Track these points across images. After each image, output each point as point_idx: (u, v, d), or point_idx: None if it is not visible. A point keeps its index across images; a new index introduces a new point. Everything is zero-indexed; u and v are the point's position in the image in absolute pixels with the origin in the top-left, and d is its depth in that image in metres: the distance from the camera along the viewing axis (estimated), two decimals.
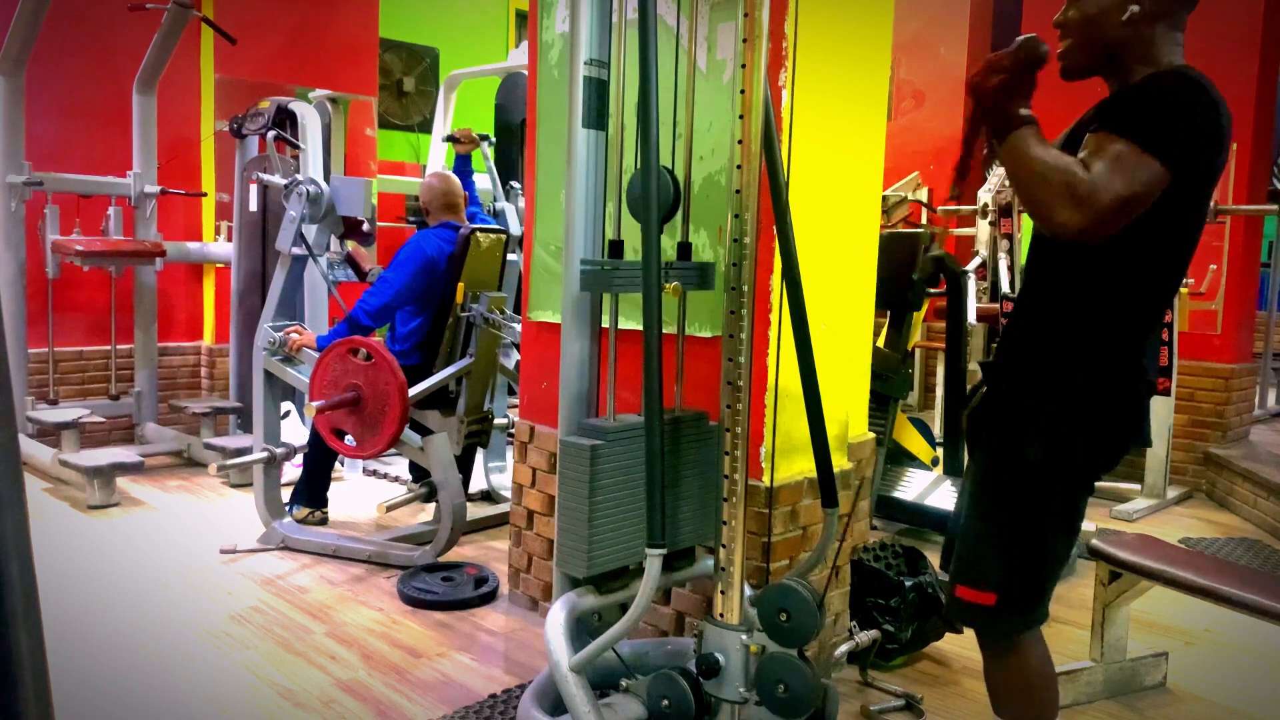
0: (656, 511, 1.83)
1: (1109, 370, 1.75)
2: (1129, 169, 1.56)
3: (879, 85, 2.85)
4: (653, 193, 1.89)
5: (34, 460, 4.59)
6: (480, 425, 3.92)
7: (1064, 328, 1.76)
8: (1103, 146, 1.59)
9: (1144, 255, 1.69)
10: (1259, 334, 6.26)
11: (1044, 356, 1.79)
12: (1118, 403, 1.76)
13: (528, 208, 3.17)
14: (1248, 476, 4.68)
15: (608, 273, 2.09)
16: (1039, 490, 1.78)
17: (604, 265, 2.11)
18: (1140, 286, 1.73)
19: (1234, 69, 4.99)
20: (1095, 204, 1.54)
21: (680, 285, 2.11)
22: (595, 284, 2.12)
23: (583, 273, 2.12)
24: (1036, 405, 1.78)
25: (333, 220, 3.77)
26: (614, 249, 2.17)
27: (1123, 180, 1.55)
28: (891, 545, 2.89)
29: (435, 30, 7.38)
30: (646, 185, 1.89)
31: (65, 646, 2.76)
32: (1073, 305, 1.75)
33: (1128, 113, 1.63)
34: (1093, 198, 1.54)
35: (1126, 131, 1.59)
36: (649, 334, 1.87)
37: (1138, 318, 1.75)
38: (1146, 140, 1.58)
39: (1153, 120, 1.61)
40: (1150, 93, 1.66)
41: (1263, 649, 3.06)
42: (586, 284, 2.12)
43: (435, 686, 2.63)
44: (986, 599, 1.81)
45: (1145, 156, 1.57)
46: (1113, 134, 1.60)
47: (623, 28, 2.24)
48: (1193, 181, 1.63)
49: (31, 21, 4.52)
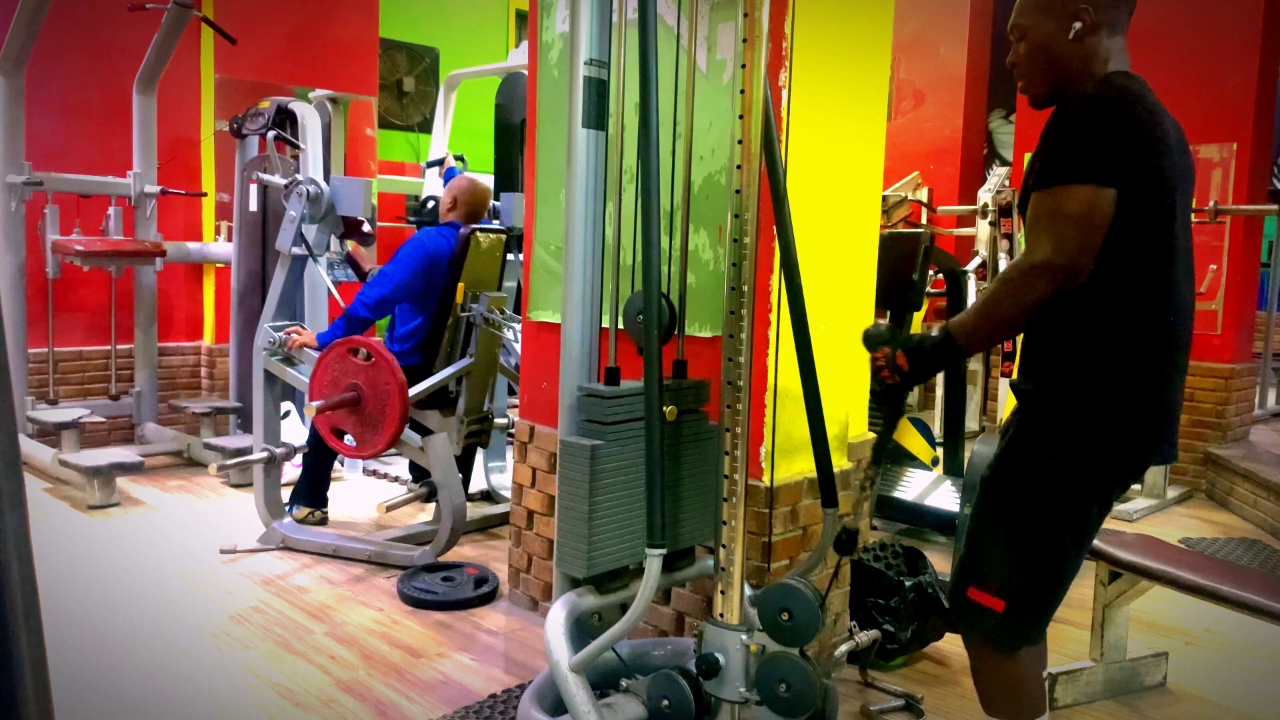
0: (656, 511, 1.83)
1: (1119, 386, 1.74)
2: (1069, 210, 1.64)
3: (879, 85, 2.85)
4: (653, 320, 1.91)
5: (34, 460, 4.59)
6: (480, 425, 3.92)
7: (1072, 345, 1.77)
8: (1039, 208, 1.69)
9: (1126, 272, 1.70)
10: (1259, 334, 6.26)
11: (1057, 370, 1.79)
12: (1131, 419, 1.75)
13: (528, 208, 3.17)
14: (1248, 476, 4.68)
15: (607, 400, 2.08)
16: (1054, 502, 1.78)
17: (603, 394, 2.11)
18: (1132, 301, 1.73)
19: (1234, 69, 5.00)
20: (1057, 261, 1.64)
21: (675, 409, 2.12)
22: (593, 411, 2.11)
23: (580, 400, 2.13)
24: (1052, 417, 1.78)
25: (333, 220, 3.77)
26: (610, 377, 2.16)
27: (1069, 224, 1.64)
28: (891, 545, 2.89)
29: (435, 30, 7.39)
30: (648, 310, 1.91)
31: (65, 646, 2.76)
32: (1075, 328, 1.76)
33: (1050, 159, 1.70)
34: (1052, 259, 1.64)
35: (1053, 179, 1.67)
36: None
37: (1140, 333, 1.74)
38: (1075, 174, 1.64)
39: (1076, 153, 1.66)
40: (1066, 126, 1.70)
41: (1263, 649, 3.06)
42: (584, 410, 2.12)
43: (435, 686, 2.63)
44: (996, 604, 1.81)
45: (1079, 189, 1.63)
46: (1041, 189, 1.69)
47: (623, 28, 2.24)
48: (1143, 187, 1.66)
49: (31, 21, 4.52)
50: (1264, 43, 4.98)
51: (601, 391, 2.09)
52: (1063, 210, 1.64)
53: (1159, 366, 1.76)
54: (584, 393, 2.12)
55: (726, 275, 2.00)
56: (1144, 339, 1.75)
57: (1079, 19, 1.74)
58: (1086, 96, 1.71)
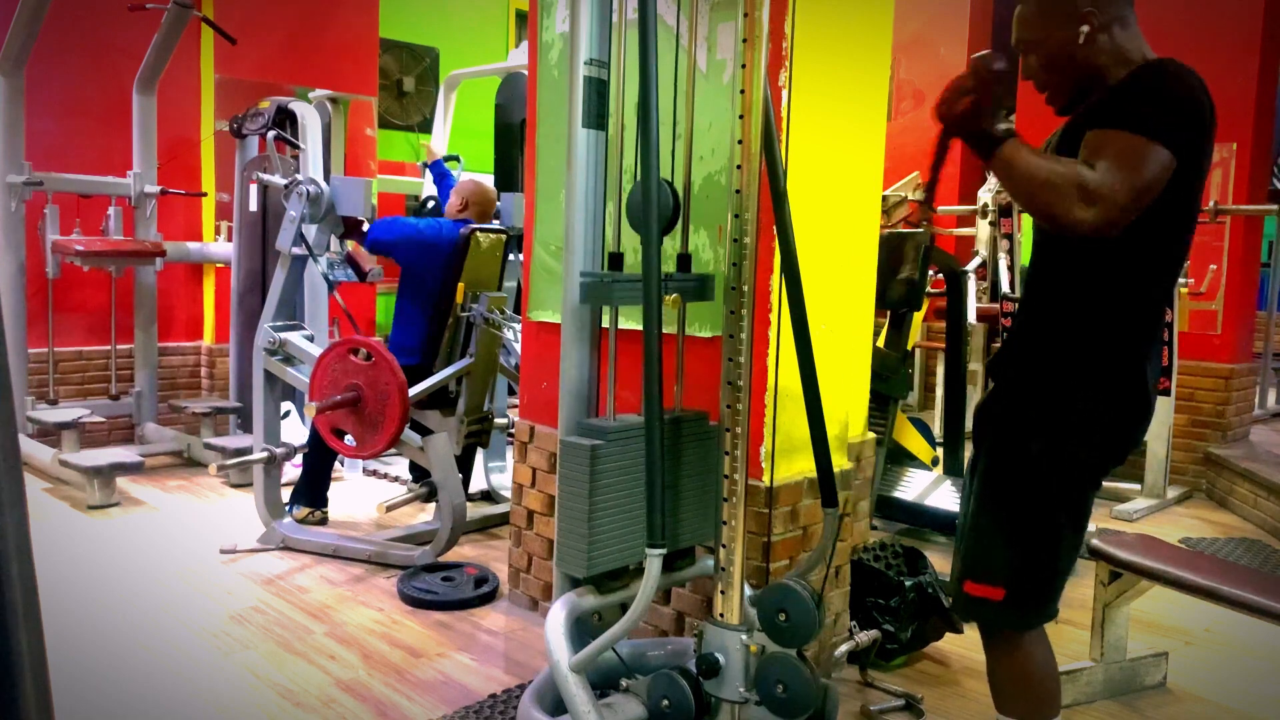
0: (656, 511, 1.83)
1: (1112, 366, 1.75)
2: (1137, 159, 1.58)
3: (879, 85, 2.85)
4: (653, 202, 1.89)
5: (34, 460, 4.59)
6: (480, 425, 3.92)
7: (1067, 324, 1.77)
8: (1105, 143, 1.61)
9: (1149, 246, 1.70)
10: (1259, 334, 6.26)
11: (1047, 352, 1.80)
12: (1121, 398, 1.76)
13: (528, 208, 3.17)
14: (1248, 476, 4.68)
15: (608, 284, 2.09)
16: (1043, 484, 1.79)
17: (604, 277, 2.11)
18: (1144, 279, 1.74)
19: (1234, 69, 4.99)
20: (1109, 199, 1.55)
21: (680, 296, 2.11)
22: (595, 296, 2.12)
23: (582, 284, 2.12)
24: (1039, 400, 1.79)
25: (333, 220, 3.77)
26: (614, 261, 2.16)
27: (1132, 171, 1.57)
28: (891, 545, 2.89)
29: (435, 30, 7.38)
30: (647, 195, 1.89)
31: (65, 646, 2.76)
32: (1076, 302, 1.76)
33: (1122, 106, 1.65)
34: (1105, 193, 1.55)
35: (1126, 124, 1.61)
36: (649, 336, 1.87)
37: (1140, 312, 1.76)
38: (1148, 128, 1.59)
39: (1150, 108, 1.62)
40: (1141, 84, 1.67)
41: (1263, 649, 3.06)
42: (586, 295, 2.12)
43: (435, 686, 2.63)
44: (995, 593, 1.81)
45: (1149, 144, 1.59)
46: (1112, 129, 1.61)
47: (623, 28, 2.24)
48: (1190, 166, 1.65)
49: (31, 21, 4.52)
50: (1264, 43, 4.98)
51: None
52: (1128, 157, 1.57)
53: (1150, 344, 1.77)
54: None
55: (726, 275, 2.00)
56: (1149, 318, 1.76)
57: (1085, 23, 1.73)
58: (1158, 62, 1.70)
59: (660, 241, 1.95)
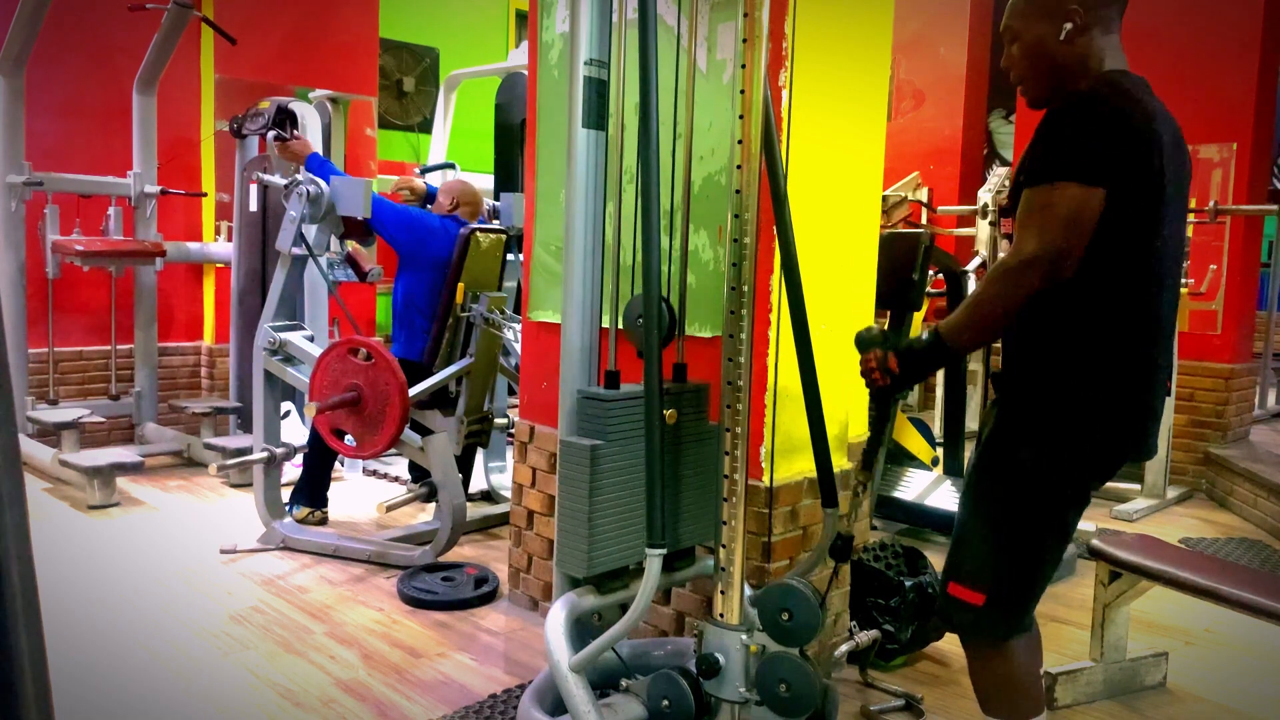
0: (656, 511, 1.83)
1: (1100, 381, 1.75)
2: (1058, 206, 1.65)
3: (879, 85, 2.85)
4: (653, 320, 1.91)
5: (34, 460, 4.59)
6: (480, 425, 3.92)
7: (1054, 340, 1.78)
8: (1026, 204, 1.70)
9: (1112, 269, 1.71)
10: (1259, 334, 6.26)
11: (1038, 364, 1.80)
12: (1110, 414, 1.76)
13: (528, 208, 3.17)
14: (1248, 476, 4.68)
15: (606, 403, 2.08)
16: (1030, 494, 1.80)
17: (603, 397, 2.10)
18: (1117, 298, 1.74)
19: (1234, 69, 5.00)
20: (1041, 253, 1.64)
21: (676, 412, 2.11)
22: (591, 414, 2.10)
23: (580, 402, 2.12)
24: (1032, 410, 1.79)
25: (333, 220, 3.77)
26: (610, 380, 2.15)
27: (1055, 219, 1.64)
28: (891, 545, 2.89)
29: (435, 30, 7.38)
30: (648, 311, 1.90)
31: (65, 646, 2.76)
32: (1059, 322, 1.77)
33: (1035, 160, 1.72)
34: (1031, 253, 1.65)
35: (1039, 178, 1.68)
36: (649, 337, 1.87)
37: (1124, 330, 1.75)
38: (1058, 173, 1.65)
39: (1058, 152, 1.67)
40: (1051, 127, 1.72)
41: (1263, 649, 3.06)
42: (582, 412, 2.11)
43: (435, 686, 2.63)
44: (976, 599, 1.83)
45: (1064, 187, 1.64)
46: (1030, 187, 1.70)
47: (623, 28, 2.24)
48: (1133, 186, 1.66)
49: (31, 21, 4.52)
50: (1264, 43, 4.98)
51: (601, 395, 2.09)
52: (1050, 208, 1.65)
53: (1139, 364, 1.77)
54: (583, 395, 2.12)
55: (726, 275, 2.00)
56: (1126, 337, 1.76)
57: (1069, 20, 1.75)
58: (1080, 94, 1.72)
59: (660, 353, 1.95)
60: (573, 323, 2.19)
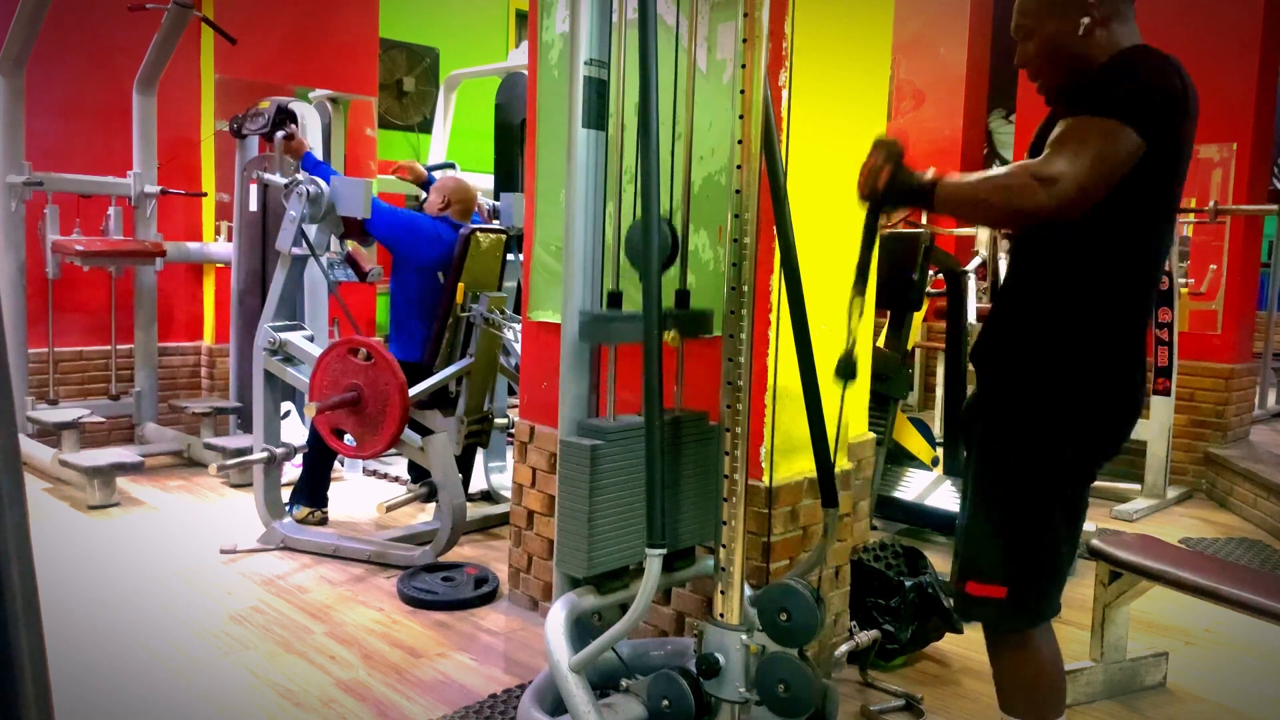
0: (656, 511, 1.83)
1: (1095, 356, 1.75)
2: (1096, 140, 1.60)
3: (879, 85, 2.85)
4: (654, 243, 1.90)
5: (34, 460, 4.59)
6: (480, 425, 3.92)
7: (1047, 314, 1.77)
8: (1069, 128, 1.63)
9: (1123, 233, 1.70)
10: (1259, 334, 6.26)
11: (1029, 344, 1.80)
12: (1107, 389, 1.76)
13: (528, 208, 3.17)
14: (1248, 476, 4.68)
15: (606, 323, 2.10)
16: (1034, 480, 1.79)
17: (603, 316, 2.12)
18: (1121, 268, 1.73)
19: (1234, 69, 4.99)
20: (1066, 179, 1.56)
21: (679, 334, 2.12)
22: (594, 333, 2.12)
23: (581, 322, 2.13)
24: (1026, 395, 1.79)
25: (333, 220, 3.77)
26: (613, 300, 2.16)
27: (1091, 151, 1.59)
28: (891, 545, 2.89)
29: (435, 30, 7.38)
30: (647, 236, 1.89)
31: (65, 646, 2.76)
32: (1055, 290, 1.76)
33: (1091, 91, 1.67)
34: (1058, 174, 1.57)
35: (1091, 108, 1.63)
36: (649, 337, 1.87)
37: (1119, 300, 1.75)
38: (1112, 110, 1.61)
39: (1117, 91, 1.64)
40: (1110, 69, 1.69)
41: (1263, 649, 3.06)
42: (585, 333, 2.12)
43: (435, 686, 2.63)
44: (998, 592, 1.81)
45: (1112, 124, 1.60)
46: (1076, 114, 1.64)
47: (623, 28, 2.24)
48: (1162, 148, 1.65)
49: (31, 21, 4.51)
50: (1264, 43, 4.98)
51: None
52: (1088, 138, 1.60)
53: (1134, 335, 1.77)
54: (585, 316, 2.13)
55: (726, 275, 2.01)
56: (1129, 316, 1.76)
57: (1087, 14, 1.74)
58: (1132, 48, 1.71)
59: (660, 275, 1.95)
60: (573, 323, 2.19)
